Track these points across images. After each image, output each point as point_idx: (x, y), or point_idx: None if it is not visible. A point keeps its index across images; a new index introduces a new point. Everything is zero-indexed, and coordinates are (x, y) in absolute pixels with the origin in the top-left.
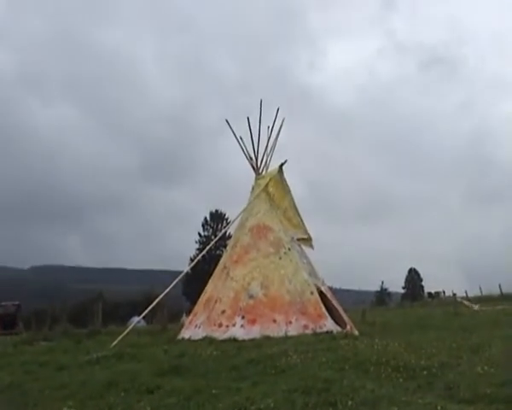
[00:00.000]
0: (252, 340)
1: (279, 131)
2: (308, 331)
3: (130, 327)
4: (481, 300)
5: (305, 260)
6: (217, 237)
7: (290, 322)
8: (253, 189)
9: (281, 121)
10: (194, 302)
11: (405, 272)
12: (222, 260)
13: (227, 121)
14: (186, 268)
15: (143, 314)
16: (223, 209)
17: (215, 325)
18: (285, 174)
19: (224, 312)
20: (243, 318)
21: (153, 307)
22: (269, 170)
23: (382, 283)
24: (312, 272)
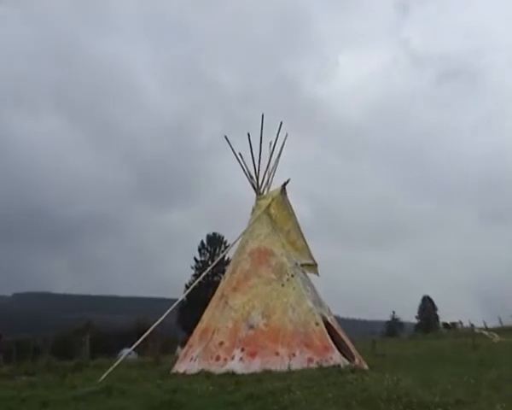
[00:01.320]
0: (252, 374)
1: (282, 148)
2: (313, 365)
3: (120, 359)
4: (501, 331)
5: (309, 288)
6: (214, 262)
7: (293, 355)
8: (253, 210)
9: (284, 137)
10: (189, 333)
11: (419, 301)
12: (220, 288)
13: (226, 138)
14: (181, 296)
15: (135, 345)
16: (221, 232)
17: (212, 357)
18: (288, 194)
19: (221, 343)
20: (243, 350)
21: (145, 338)
22: (271, 189)
23: (394, 312)
24: (318, 301)
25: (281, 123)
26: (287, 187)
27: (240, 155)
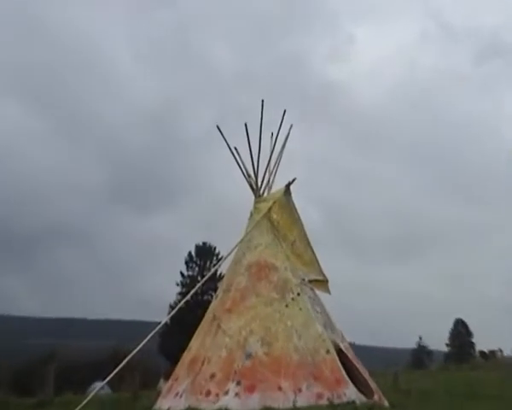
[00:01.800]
0: None
1: (286, 141)
2: (323, 402)
3: (92, 395)
4: None
5: (319, 309)
6: (204, 278)
7: (299, 390)
8: (251, 215)
9: (288, 128)
10: (174, 363)
11: (450, 325)
12: (211, 309)
13: (218, 128)
14: (164, 318)
15: (108, 378)
16: (212, 242)
17: (202, 393)
18: (294, 196)
19: (213, 376)
20: (238, 384)
21: (121, 369)
22: (272, 191)
23: (420, 338)
24: (329, 324)
25: (284, 111)
26: (292, 188)
27: (235, 149)
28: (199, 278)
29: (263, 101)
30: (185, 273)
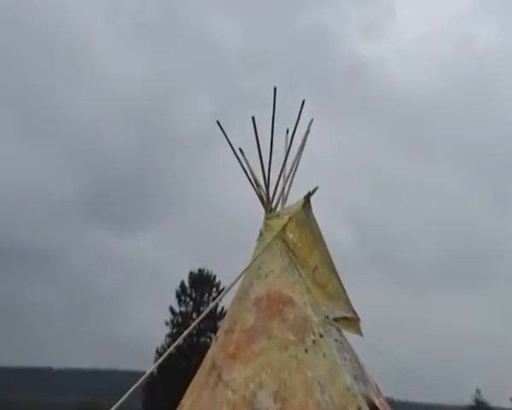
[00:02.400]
0: None
1: (305, 139)
2: None
3: None
4: None
5: (347, 355)
6: (201, 316)
7: None
8: (261, 234)
9: (308, 123)
10: None
11: None
12: (209, 354)
13: (218, 123)
14: (150, 367)
15: None
16: (211, 268)
17: None
18: (315, 210)
19: None
20: None
21: None
22: (288, 204)
23: (478, 392)
24: (360, 375)
25: (303, 102)
26: (313, 200)
27: (240, 150)
28: (194, 316)
29: (275, 88)
30: (176, 309)
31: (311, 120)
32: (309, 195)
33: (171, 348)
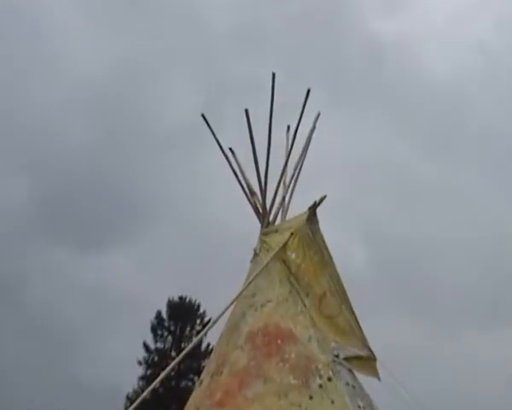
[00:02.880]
0: None
1: (310, 138)
2: None
3: None
4: None
5: (361, 403)
6: (182, 354)
7: None
8: (255, 254)
9: (314, 117)
10: None
11: None
12: (192, 401)
13: (204, 117)
14: None
15: None
16: (194, 296)
17: None
18: (322, 224)
19: None
20: None
21: None
22: (289, 216)
23: None
24: None
25: (308, 91)
26: (320, 211)
27: (230, 150)
28: (173, 354)
29: (274, 74)
30: (152, 346)
31: (318, 114)
32: (315, 205)
33: (145, 393)
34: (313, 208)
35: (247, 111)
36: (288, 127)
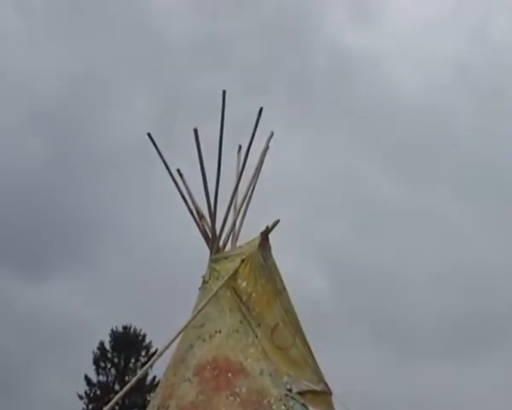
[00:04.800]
0: None
1: (263, 159)
2: None
3: None
4: None
5: None
6: (126, 387)
7: None
8: (204, 282)
9: (268, 137)
10: None
11: None
12: None
13: (150, 136)
14: None
15: None
16: (139, 326)
17: None
18: (276, 251)
19: None
20: None
21: None
22: (239, 242)
23: None
24: None
25: (260, 110)
26: (273, 237)
27: (178, 171)
28: (116, 387)
29: (224, 92)
30: (94, 379)
31: (271, 134)
32: (267, 230)
33: None
34: (265, 234)
35: (196, 130)
36: (240, 147)
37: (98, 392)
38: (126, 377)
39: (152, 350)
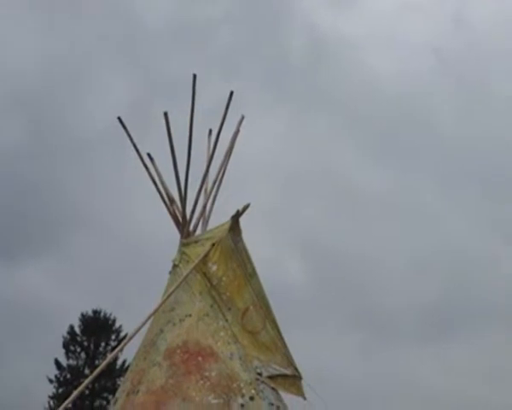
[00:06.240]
0: None
1: (233, 142)
2: None
3: None
4: None
5: None
6: (96, 371)
7: None
8: (174, 266)
9: (239, 121)
10: None
11: None
12: None
13: (120, 120)
14: None
15: None
16: (109, 310)
17: None
18: (248, 235)
19: None
20: None
21: None
22: (210, 226)
23: None
24: None
25: (231, 93)
26: (244, 220)
27: (149, 155)
28: (86, 371)
29: (195, 76)
30: (64, 363)
31: (242, 117)
32: (237, 214)
33: None
34: (236, 217)
35: (166, 114)
36: (210, 131)
37: (68, 376)
38: (96, 362)
39: (122, 334)
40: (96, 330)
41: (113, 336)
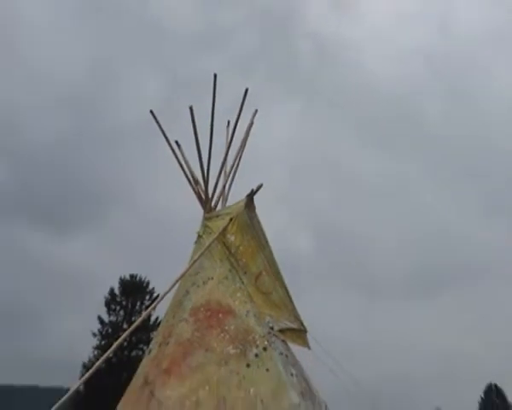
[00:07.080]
0: None
1: (248, 132)
2: None
3: None
4: None
5: (294, 371)
6: (132, 326)
7: None
8: (198, 237)
9: (252, 115)
10: None
11: (479, 392)
12: (142, 369)
13: (152, 113)
14: (76, 383)
15: None
16: (144, 274)
17: None
18: (263, 211)
19: None
20: None
21: None
22: (229, 203)
23: None
24: (308, 392)
25: (246, 90)
26: (261, 199)
27: (176, 143)
28: (125, 326)
29: (215, 75)
30: (105, 319)
31: (256, 111)
32: (252, 193)
33: (100, 362)
34: (250, 196)
35: (191, 108)
36: (228, 123)
37: (109, 330)
38: (133, 318)
39: (155, 295)
40: (133, 292)
41: (147, 297)
